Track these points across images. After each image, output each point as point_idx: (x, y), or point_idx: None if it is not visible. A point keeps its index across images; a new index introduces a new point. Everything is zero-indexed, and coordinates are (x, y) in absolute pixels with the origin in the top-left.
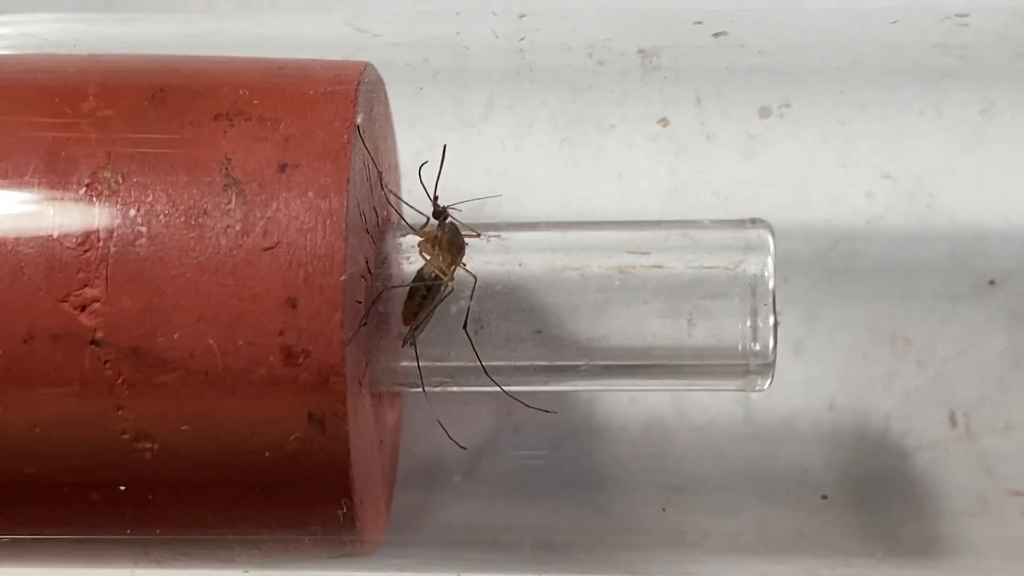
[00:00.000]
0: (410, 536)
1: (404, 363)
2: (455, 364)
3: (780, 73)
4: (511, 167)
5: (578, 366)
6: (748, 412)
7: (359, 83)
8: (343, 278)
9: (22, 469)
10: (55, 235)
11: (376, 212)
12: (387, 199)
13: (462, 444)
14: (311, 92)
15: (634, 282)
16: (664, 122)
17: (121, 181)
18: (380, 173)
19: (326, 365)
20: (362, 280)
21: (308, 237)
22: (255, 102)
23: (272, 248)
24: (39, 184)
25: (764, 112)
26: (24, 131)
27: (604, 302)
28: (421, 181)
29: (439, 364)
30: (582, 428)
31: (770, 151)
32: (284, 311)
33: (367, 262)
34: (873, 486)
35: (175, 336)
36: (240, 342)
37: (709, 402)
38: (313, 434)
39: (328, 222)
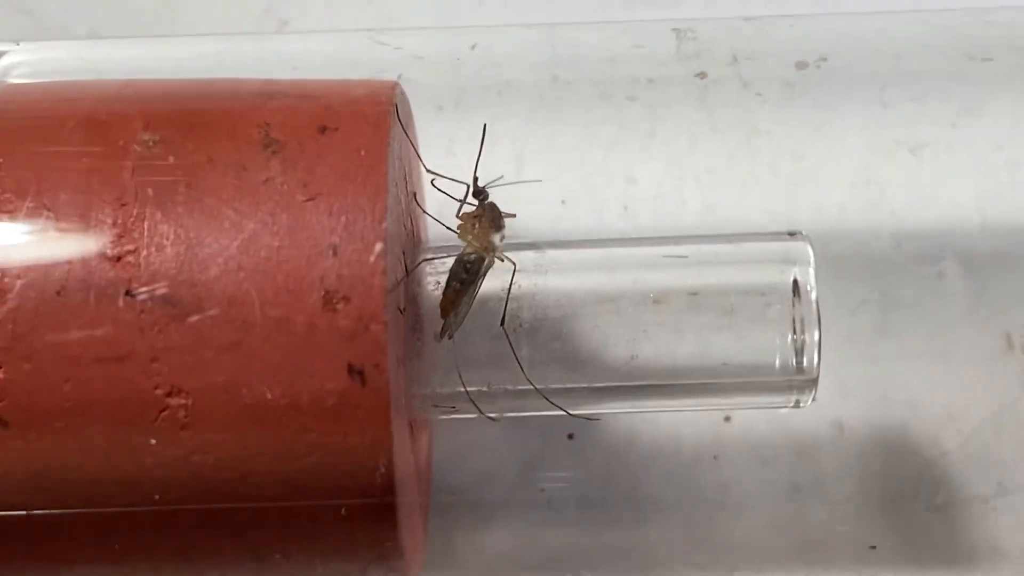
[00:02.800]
0: (449, 564)
1: (439, 389)
2: (495, 388)
3: None
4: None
5: (617, 387)
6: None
7: (395, 86)
8: (384, 225)
9: (50, 422)
10: (92, 188)
11: (406, 228)
12: (417, 207)
13: (491, 416)
14: (350, 81)
15: (674, 300)
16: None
17: (159, 140)
18: (409, 189)
19: (367, 312)
20: (399, 261)
21: (349, 187)
22: (295, 86)
23: (313, 199)
24: (77, 141)
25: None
26: (64, 104)
27: (642, 320)
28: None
29: (476, 389)
30: (623, 450)
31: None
32: (324, 257)
33: (404, 257)
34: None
35: (213, 284)
36: (279, 289)
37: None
38: (353, 388)
39: (369, 173)
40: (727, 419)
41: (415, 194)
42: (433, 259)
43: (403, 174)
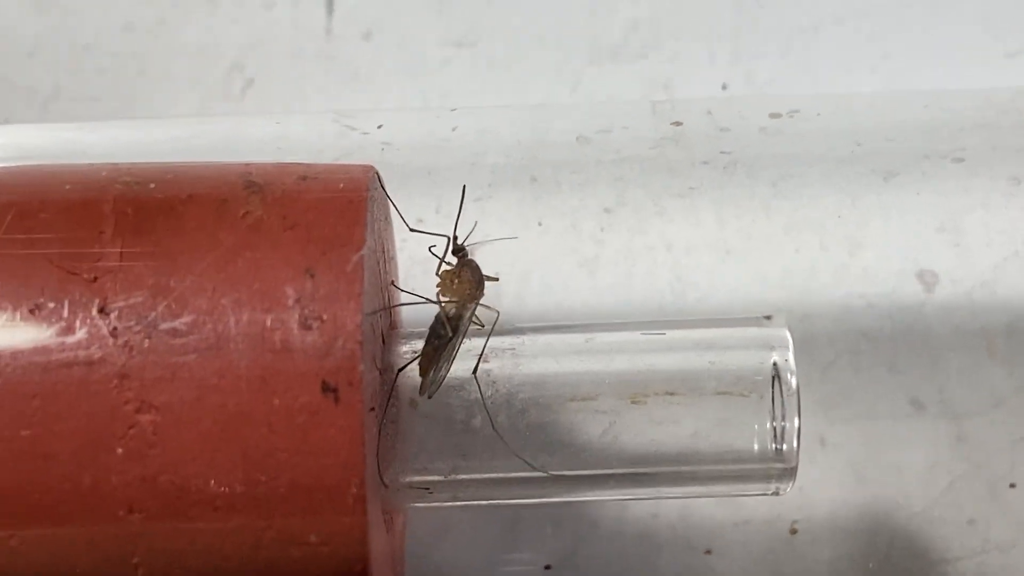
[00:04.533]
0: None
1: (412, 473)
2: (462, 477)
3: None
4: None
5: (590, 475)
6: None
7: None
8: (362, 252)
9: (18, 432)
10: (73, 214)
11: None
12: (393, 286)
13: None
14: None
15: (650, 386)
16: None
17: (141, 182)
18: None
19: (342, 330)
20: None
21: (328, 219)
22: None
23: (292, 228)
24: (62, 178)
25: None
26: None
27: (618, 407)
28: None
29: (445, 479)
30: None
31: None
32: (301, 279)
33: (379, 324)
34: None
35: (187, 297)
36: (255, 305)
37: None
38: (326, 404)
39: (348, 209)
40: (708, 552)
41: (393, 281)
42: (410, 301)
43: (382, 252)
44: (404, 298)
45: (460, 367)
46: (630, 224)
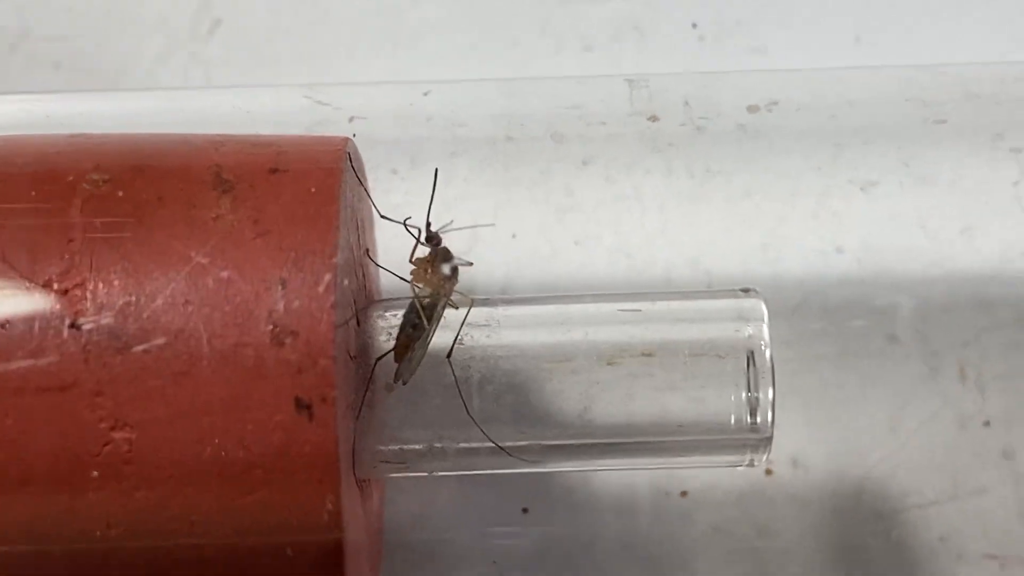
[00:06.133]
0: None
1: (389, 446)
2: (439, 448)
3: None
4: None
5: (569, 445)
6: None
7: (347, 139)
8: (334, 260)
9: None
10: (40, 223)
11: (358, 279)
12: (369, 261)
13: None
14: (303, 136)
15: (627, 357)
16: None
17: (108, 180)
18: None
19: (315, 346)
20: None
21: (299, 224)
22: (247, 137)
23: (263, 235)
24: (26, 178)
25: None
26: (12, 145)
27: (595, 377)
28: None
29: (421, 454)
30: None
31: None
32: (273, 291)
33: (355, 304)
34: None
35: (159, 316)
36: (227, 321)
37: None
38: (300, 422)
39: (320, 210)
40: (683, 494)
41: (368, 250)
42: (386, 300)
43: (356, 224)
44: (379, 272)
45: (436, 344)
46: (606, 175)
